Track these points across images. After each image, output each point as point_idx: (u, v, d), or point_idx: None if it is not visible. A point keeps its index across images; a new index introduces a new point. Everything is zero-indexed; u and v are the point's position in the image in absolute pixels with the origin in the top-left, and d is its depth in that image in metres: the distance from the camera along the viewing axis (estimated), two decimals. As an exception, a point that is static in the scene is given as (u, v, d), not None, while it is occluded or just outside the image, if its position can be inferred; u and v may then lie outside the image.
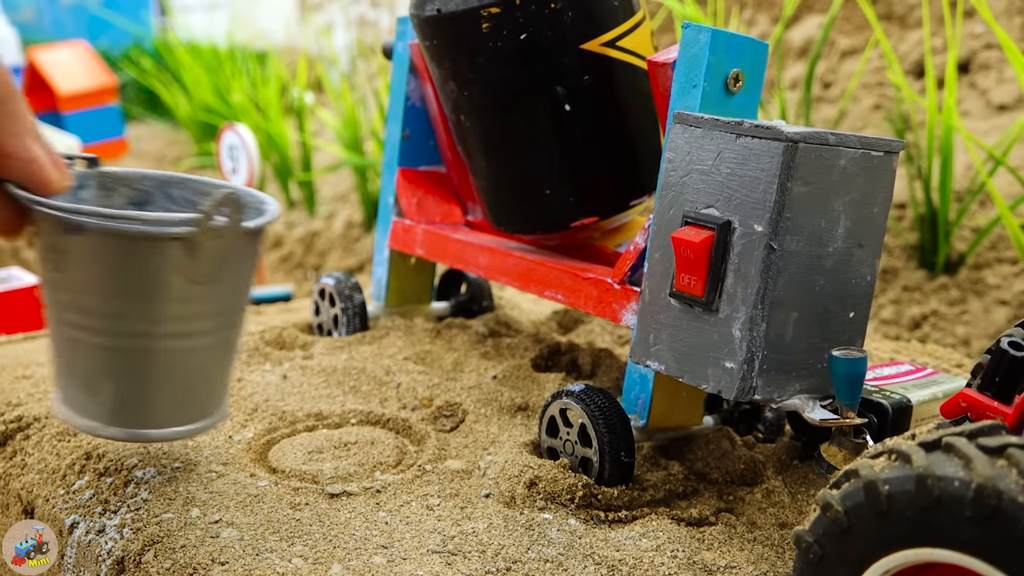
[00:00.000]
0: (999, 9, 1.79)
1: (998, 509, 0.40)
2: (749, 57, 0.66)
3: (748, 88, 0.67)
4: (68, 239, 0.59)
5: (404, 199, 0.93)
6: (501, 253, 0.84)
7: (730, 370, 0.59)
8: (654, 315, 0.64)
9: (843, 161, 0.59)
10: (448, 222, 0.94)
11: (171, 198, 0.71)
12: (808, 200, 0.58)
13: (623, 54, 0.74)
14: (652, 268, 0.65)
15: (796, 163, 0.57)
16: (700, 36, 0.65)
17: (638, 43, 0.75)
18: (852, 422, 0.59)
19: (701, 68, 0.65)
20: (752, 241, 0.58)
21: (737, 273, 0.59)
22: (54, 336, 0.63)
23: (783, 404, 0.61)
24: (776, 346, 0.59)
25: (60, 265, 0.60)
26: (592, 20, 0.73)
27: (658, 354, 0.64)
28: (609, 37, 0.73)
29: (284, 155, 2.42)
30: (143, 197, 0.71)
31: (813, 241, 0.59)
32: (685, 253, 0.60)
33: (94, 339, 0.61)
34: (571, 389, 0.69)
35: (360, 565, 0.59)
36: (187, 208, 0.70)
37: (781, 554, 0.62)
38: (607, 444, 0.67)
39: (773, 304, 0.58)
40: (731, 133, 0.59)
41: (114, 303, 0.60)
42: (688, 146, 0.62)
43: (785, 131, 0.56)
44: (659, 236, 0.64)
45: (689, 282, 0.61)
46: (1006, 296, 1.32)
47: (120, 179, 0.70)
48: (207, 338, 0.63)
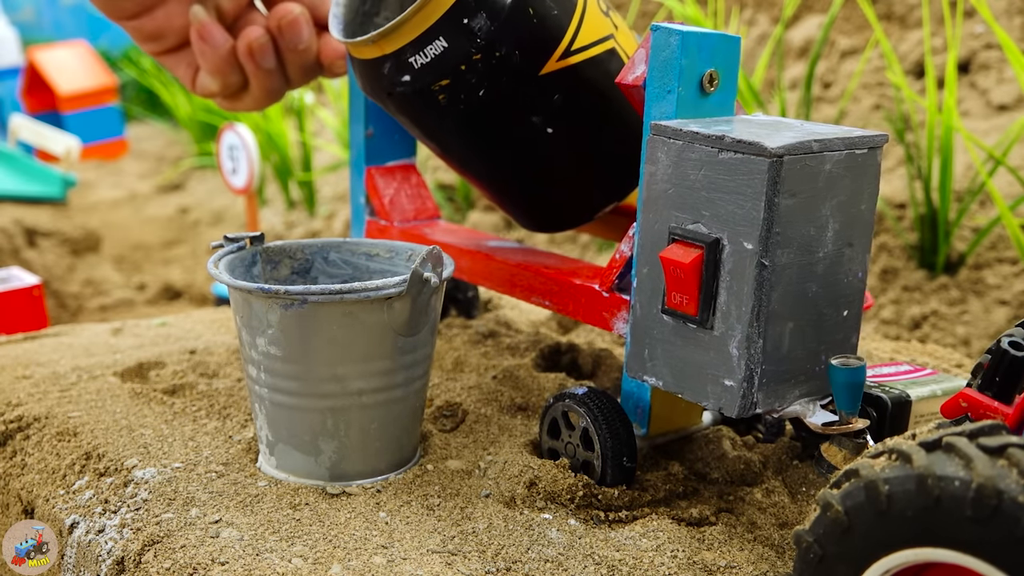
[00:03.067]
0: (999, 9, 1.79)
1: (999, 509, 0.40)
2: (722, 55, 0.64)
3: (723, 86, 0.65)
4: (287, 314, 0.64)
5: (375, 198, 0.91)
6: (483, 256, 0.81)
7: (730, 388, 0.59)
8: (647, 330, 0.63)
9: (828, 166, 0.57)
10: (423, 218, 0.92)
11: (329, 262, 0.77)
12: (796, 211, 0.57)
13: (581, 54, 0.72)
14: (641, 283, 0.63)
15: (782, 177, 0.55)
16: (671, 39, 0.63)
17: (591, 32, 0.73)
18: (855, 427, 0.59)
19: (674, 72, 0.63)
20: (743, 259, 0.57)
21: (730, 291, 0.58)
22: (266, 406, 0.68)
23: (784, 412, 0.61)
24: (774, 358, 0.59)
25: (275, 339, 0.65)
26: (540, 44, 0.71)
27: (655, 370, 0.63)
28: (562, 49, 0.71)
29: (284, 155, 2.42)
30: (305, 265, 0.77)
31: (803, 250, 0.58)
32: (675, 272, 0.59)
33: (317, 404, 0.66)
34: (574, 392, 0.69)
35: (360, 565, 0.59)
36: (345, 269, 0.77)
37: (781, 554, 0.62)
38: (610, 449, 0.67)
39: (768, 319, 0.57)
40: (712, 147, 0.58)
41: (337, 368, 0.65)
42: (668, 159, 0.60)
43: (768, 146, 0.55)
44: (645, 251, 0.63)
45: (681, 300, 0.60)
46: (1006, 296, 1.32)
47: (283, 251, 0.76)
48: (410, 386, 0.69)
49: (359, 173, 0.92)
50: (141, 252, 2.44)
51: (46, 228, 2.28)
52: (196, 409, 0.79)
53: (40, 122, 2.87)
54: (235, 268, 0.72)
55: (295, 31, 0.78)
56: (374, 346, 0.65)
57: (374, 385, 0.66)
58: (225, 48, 0.79)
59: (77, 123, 3.05)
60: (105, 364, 0.89)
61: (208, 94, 0.83)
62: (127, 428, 0.75)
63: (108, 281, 2.16)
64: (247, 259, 0.74)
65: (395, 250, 0.76)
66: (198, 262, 2.32)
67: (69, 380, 0.85)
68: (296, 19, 0.78)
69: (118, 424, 0.76)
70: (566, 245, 1.91)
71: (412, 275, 0.64)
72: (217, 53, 0.79)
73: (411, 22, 0.68)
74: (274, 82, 0.81)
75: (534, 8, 0.69)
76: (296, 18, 0.78)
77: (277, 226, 2.36)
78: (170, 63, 0.83)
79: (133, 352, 0.93)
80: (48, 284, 2.03)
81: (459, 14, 0.68)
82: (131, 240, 2.49)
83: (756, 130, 0.59)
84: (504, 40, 0.69)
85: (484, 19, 0.68)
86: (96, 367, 0.88)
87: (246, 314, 0.66)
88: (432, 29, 0.68)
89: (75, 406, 0.79)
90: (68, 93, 3.02)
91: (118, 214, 2.68)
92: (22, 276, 1.22)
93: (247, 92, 0.82)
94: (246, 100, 0.83)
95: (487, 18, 0.68)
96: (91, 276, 2.17)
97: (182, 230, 2.57)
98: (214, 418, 0.78)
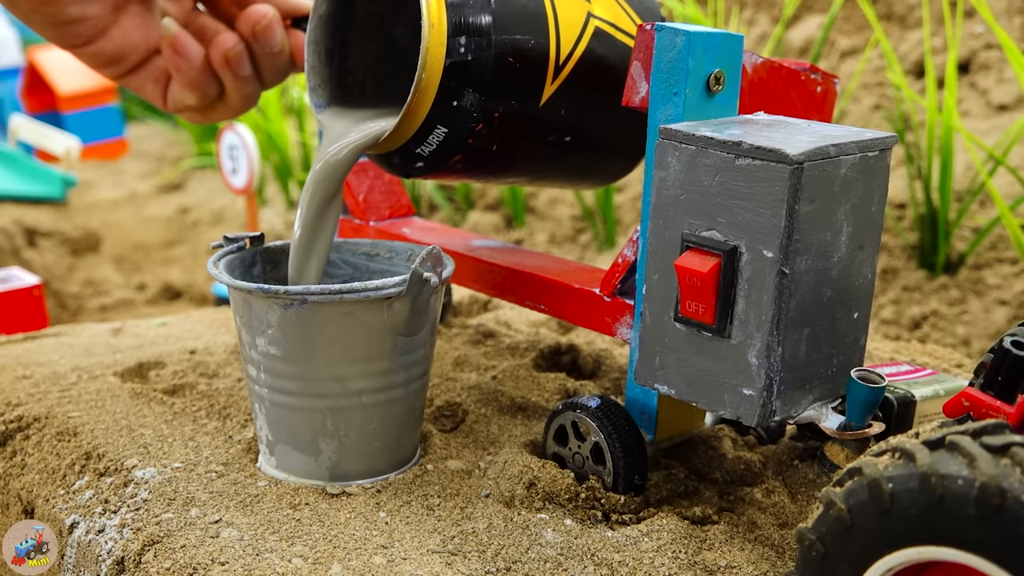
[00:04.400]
0: (999, 9, 1.79)
1: (1001, 507, 0.40)
2: (727, 54, 0.63)
3: (728, 86, 0.64)
4: (287, 314, 0.63)
5: (349, 196, 0.89)
6: (469, 260, 0.80)
7: (749, 397, 0.58)
8: (658, 338, 0.62)
9: (843, 170, 0.57)
10: (398, 215, 0.91)
11: (329, 262, 0.77)
12: (814, 217, 0.56)
13: (570, 61, 0.70)
14: (652, 290, 0.62)
15: (802, 184, 0.54)
16: (676, 40, 0.61)
17: (570, 31, 0.70)
18: (873, 432, 0.59)
19: (681, 74, 0.62)
20: (762, 267, 0.56)
21: (748, 299, 0.57)
22: (265, 406, 0.68)
23: (800, 418, 0.60)
24: (791, 365, 0.58)
25: (275, 339, 0.65)
26: (532, 81, 0.69)
27: (666, 378, 0.62)
28: (552, 69, 0.69)
29: (284, 155, 2.42)
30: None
31: (820, 256, 0.57)
32: (691, 281, 0.58)
33: (317, 404, 0.66)
34: (586, 404, 0.67)
35: (360, 565, 0.59)
36: (345, 269, 0.77)
37: (781, 554, 0.62)
38: (623, 468, 0.66)
39: (787, 327, 0.56)
40: (729, 153, 0.56)
41: (337, 368, 0.65)
42: (680, 165, 0.59)
43: (789, 153, 0.54)
44: (655, 257, 0.61)
45: (697, 309, 0.58)
46: (1006, 296, 1.32)
47: (283, 251, 0.76)
48: (409, 386, 0.69)
49: None
50: (141, 252, 2.44)
51: (46, 228, 2.28)
52: (196, 409, 0.79)
53: (40, 122, 2.87)
54: (235, 268, 0.72)
55: (269, 36, 0.76)
56: (374, 346, 0.65)
57: (374, 385, 0.66)
58: (200, 59, 0.76)
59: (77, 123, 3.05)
60: (105, 364, 0.88)
61: (183, 108, 0.80)
62: (127, 428, 0.75)
63: (108, 281, 2.15)
64: (247, 259, 0.73)
65: (395, 250, 0.76)
66: (198, 262, 2.31)
67: (69, 380, 0.85)
68: (271, 23, 0.76)
69: (118, 424, 0.76)
70: (566, 245, 1.91)
71: (412, 275, 0.63)
72: (193, 66, 0.76)
73: (403, 126, 0.68)
74: (250, 88, 0.79)
75: (513, 54, 0.67)
76: (271, 22, 0.76)
77: (277, 226, 2.36)
78: (135, 83, 0.79)
79: (133, 352, 0.93)
80: (48, 284, 2.02)
81: (447, 99, 0.66)
82: (131, 240, 2.49)
83: (769, 134, 0.58)
84: (498, 101, 0.68)
85: (472, 94, 0.67)
86: (96, 367, 0.88)
87: (246, 314, 0.66)
88: (427, 122, 0.67)
89: (75, 406, 0.79)
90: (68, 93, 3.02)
91: (118, 214, 2.68)
92: (22, 276, 1.22)
93: (223, 102, 0.79)
94: (222, 110, 0.80)
95: (474, 91, 0.67)
96: (91, 276, 2.17)
97: (182, 230, 2.57)
98: (214, 418, 0.78)
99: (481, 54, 0.66)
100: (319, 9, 0.72)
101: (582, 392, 0.82)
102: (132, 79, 0.79)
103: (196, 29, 0.78)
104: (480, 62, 0.66)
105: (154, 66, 0.79)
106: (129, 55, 0.77)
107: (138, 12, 0.76)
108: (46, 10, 0.72)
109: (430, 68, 0.65)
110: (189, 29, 0.78)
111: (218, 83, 0.78)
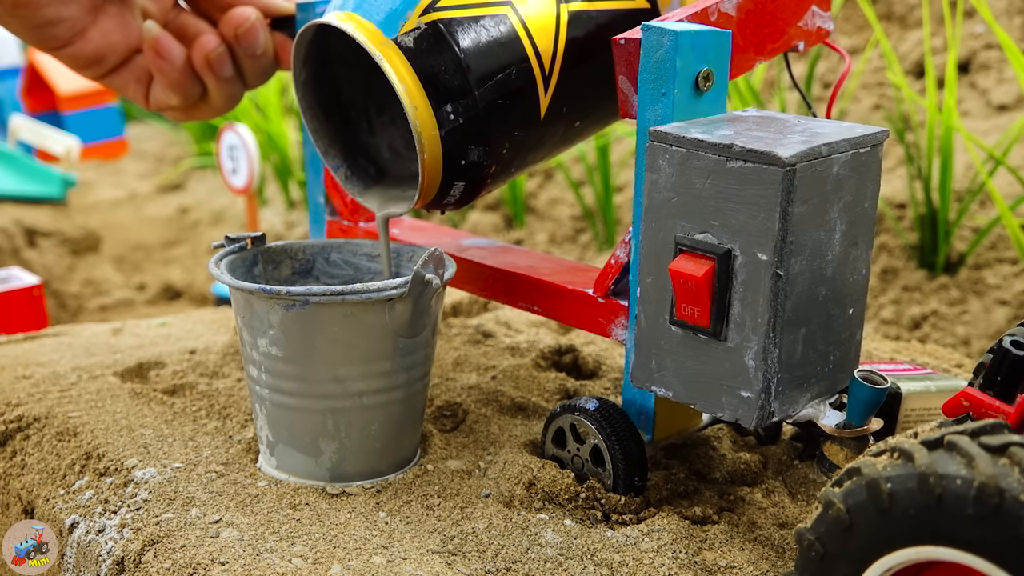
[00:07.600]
0: (999, 9, 1.79)
1: (1000, 507, 0.40)
2: (714, 51, 0.62)
3: (716, 84, 0.63)
4: (289, 315, 0.64)
5: (336, 197, 0.88)
6: (460, 261, 0.78)
7: (747, 399, 0.58)
8: (654, 341, 0.62)
9: (835, 168, 0.56)
10: None
11: (330, 262, 0.77)
12: (807, 218, 0.56)
13: (556, 63, 0.70)
14: (645, 293, 0.61)
15: (795, 186, 0.54)
16: (663, 40, 0.60)
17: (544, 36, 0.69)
18: (871, 429, 0.59)
19: (670, 74, 0.61)
20: (757, 270, 0.55)
21: (744, 302, 0.56)
22: (266, 407, 0.68)
23: (798, 416, 0.60)
24: (788, 366, 0.58)
25: (277, 339, 0.65)
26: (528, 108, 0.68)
27: (663, 380, 0.62)
28: (541, 84, 0.69)
29: (284, 155, 2.42)
30: (306, 266, 0.77)
31: (814, 255, 0.57)
32: (686, 285, 0.57)
33: (318, 404, 0.66)
34: (584, 406, 0.67)
35: (360, 565, 0.59)
36: (347, 270, 0.77)
37: (781, 554, 0.62)
38: (622, 471, 0.66)
39: (783, 328, 0.56)
40: (720, 156, 0.56)
41: (338, 369, 0.65)
42: (671, 167, 0.58)
43: (781, 155, 0.53)
44: (648, 260, 0.61)
45: (692, 312, 0.58)
46: (1006, 296, 1.32)
47: (284, 252, 0.76)
48: (410, 387, 0.69)
49: (316, 172, 0.88)
50: (141, 252, 2.44)
51: (46, 228, 2.28)
52: (196, 409, 0.79)
53: (40, 122, 2.87)
54: (236, 268, 0.72)
55: (252, 38, 0.76)
56: (375, 347, 0.65)
57: (375, 386, 0.66)
58: (182, 60, 0.76)
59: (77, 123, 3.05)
60: (105, 364, 0.88)
61: (165, 108, 0.80)
62: (127, 428, 0.75)
63: (108, 281, 2.15)
64: (248, 259, 0.74)
65: (396, 251, 0.76)
66: (198, 262, 2.31)
67: (69, 380, 0.85)
68: (253, 26, 0.76)
69: (118, 424, 0.76)
70: (566, 245, 1.91)
71: (414, 276, 0.63)
72: (175, 67, 0.76)
73: (423, 197, 0.69)
74: (233, 88, 0.79)
75: (501, 96, 0.67)
76: (253, 25, 0.76)
77: (277, 226, 2.36)
78: (117, 83, 0.80)
79: (133, 352, 0.93)
80: (48, 284, 2.02)
81: (454, 162, 0.67)
82: (131, 240, 2.49)
83: (760, 134, 0.57)
84: (502, 140, 0.68)
85: (478, 148, 0.67)
86: (96, 367, 0.88)
87: (247, 315, 0.66)
88: (444, 183, 0.69)
89: (75, 406, 0.79)
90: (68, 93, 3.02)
91: (118, 214, 2.68)
92: (22, 276, 1.22)
93: (205, 102, 0.80)
94: (205, 110, 0.81)
95: (478, 145, 0.67)
96: (91, 276, 2.17)
97: (182, 230, 2.57)
98: (214, 418, 0.78)
99: (470, 112, 0.66)
100: (300, 77, 0.72)
101: (582, 392, 0.83)
102: (114, 79, 0.79)
103: (177, 27, 0.78)
104: (473, 120, 0.66)
105: (136, 66, 0.79)
106: (109, 56, 0.77)
107: (116, 12, 0.76)
108: (22, 13, 0.72)
109: (429, 147, 0.66)
110: (170, 27, 0.78)
111: (200, 84, 0.78)
